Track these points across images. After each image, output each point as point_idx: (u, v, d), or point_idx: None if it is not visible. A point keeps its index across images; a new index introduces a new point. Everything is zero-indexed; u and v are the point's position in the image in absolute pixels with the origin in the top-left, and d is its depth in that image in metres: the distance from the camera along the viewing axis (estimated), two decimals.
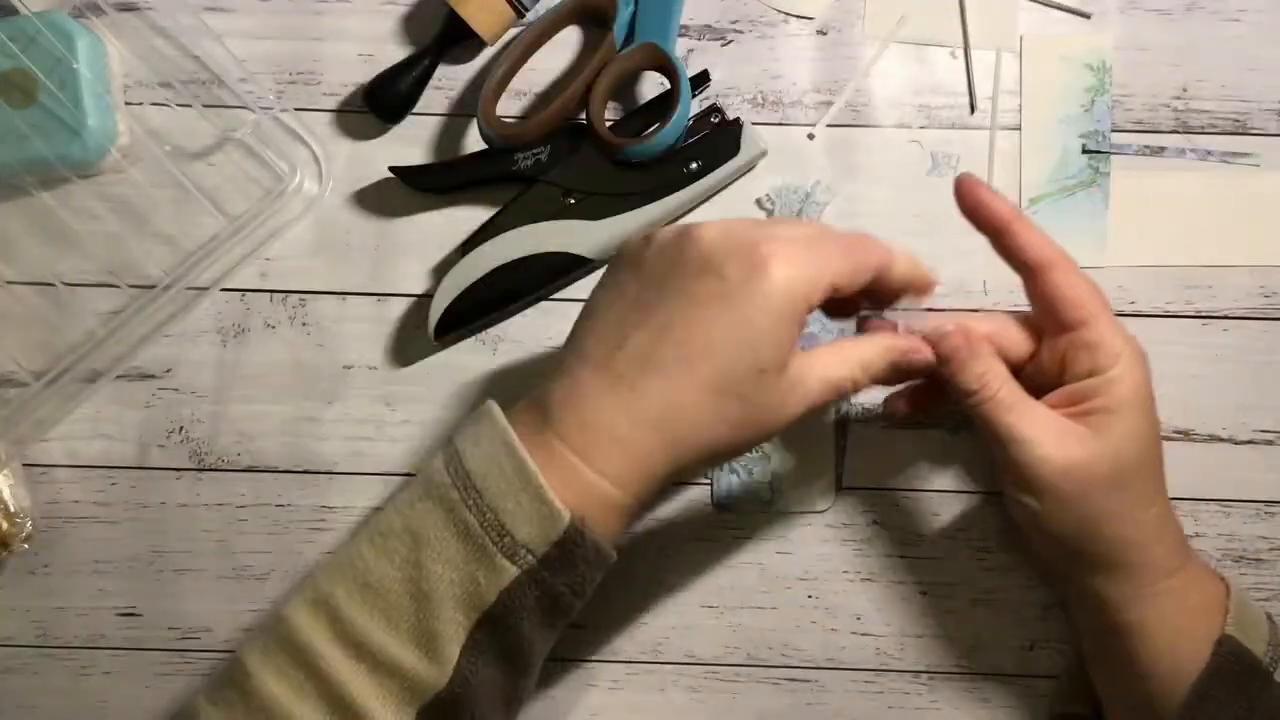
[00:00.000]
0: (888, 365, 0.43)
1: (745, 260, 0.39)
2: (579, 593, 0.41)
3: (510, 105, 0.56)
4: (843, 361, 0.42)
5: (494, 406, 0.41)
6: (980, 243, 0.54)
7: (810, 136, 0.55)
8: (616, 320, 0.41)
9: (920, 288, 0.45)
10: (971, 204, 0.46)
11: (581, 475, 0.40)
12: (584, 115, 0.53)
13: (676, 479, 0.41)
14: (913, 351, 0.44)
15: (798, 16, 0.56)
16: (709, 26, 0.56)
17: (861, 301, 0.45)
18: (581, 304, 0.54)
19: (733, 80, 0.55)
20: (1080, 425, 0.43)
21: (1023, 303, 0.54)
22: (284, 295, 0.55)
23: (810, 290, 0.40)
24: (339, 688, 0.39)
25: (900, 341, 0.44)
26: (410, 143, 0.56)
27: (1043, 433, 0.43)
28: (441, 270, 0.55)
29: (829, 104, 0.55)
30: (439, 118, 0.56)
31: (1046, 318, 0.46)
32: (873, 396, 0.52)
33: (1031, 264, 0.45)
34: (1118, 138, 0.55)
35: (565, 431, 0.40)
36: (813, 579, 0.54)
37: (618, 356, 0.40)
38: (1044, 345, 0.46)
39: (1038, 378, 0.46)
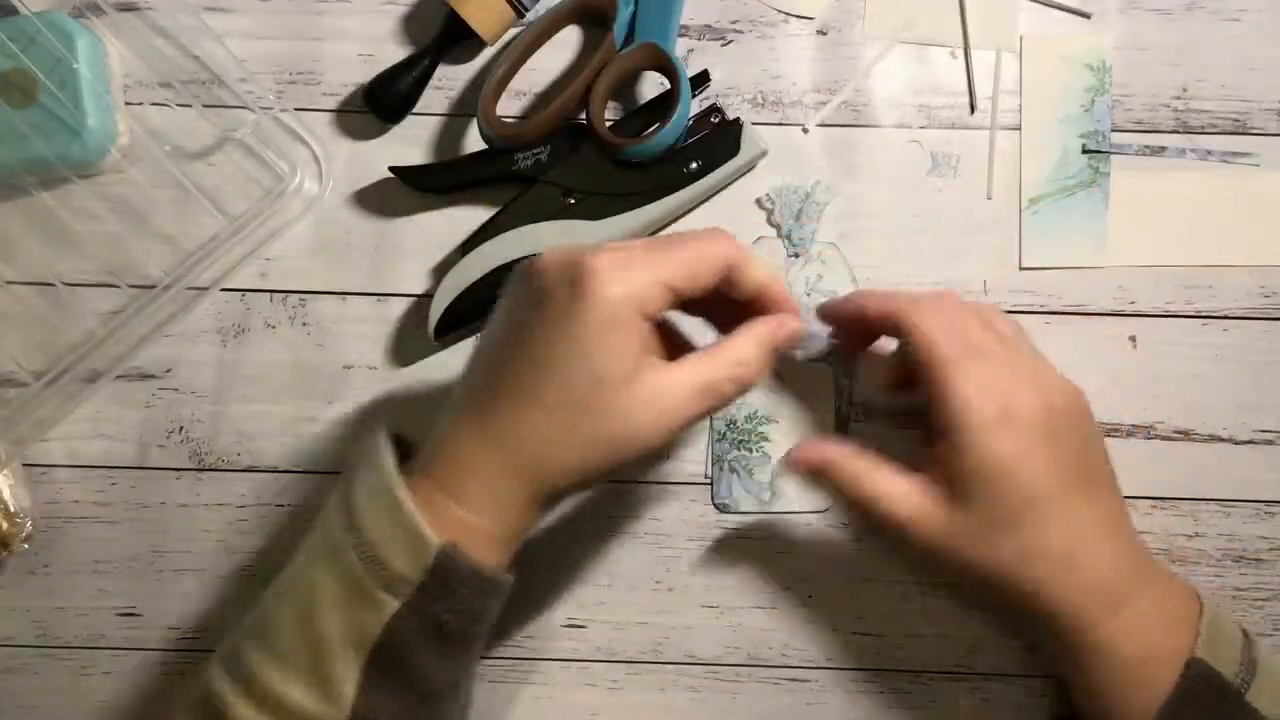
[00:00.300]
0: (762, 351, 0.43)
1: (569, 281, 0.40)
2: (472, 618, 0.42)
3: (510, 105, 0.56)
4: (712, 364, 0.42)
5: (381, 441, 0.43)
6: (980, 243, 0.55)
7: (804, 130, 0.55)
8: (482, 357, 0.44)
9: (774, 299, 0.44)
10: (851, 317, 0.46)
11: (447, 509, 0.41)
12: (584, 115, 0.53)
13: (546, 501, 0.42)
14: (779, 327, 0.43)
15: (798, 16, 0.56)
16: (709, 26, 0.56)
17: (741, 304, 0.44)
18: None
19: (733, 80, 0.55)
20: (936, 481, 0.42)
21: (1022, 302, 0.54)
22: (284, 295, 0.55)
23: (636, 297, 0.40)
24: None
25: (763, 325, 0.43)
26: (410, 143, 0.56)
27: (917, 513, 0.42)
28: (441, 270, 0.55)
29: (829, 104, 0.55)
30: (439, 118, 0.56)
31: (909, 359, 0.45)
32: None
33: (879, 323, 0.45)
34: (1118, 138, 0.55)
35: (431, 468, 0.42)
36: (813, 579, 0.54)
37: (479, 389, 0.43)
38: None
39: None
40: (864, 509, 0.43)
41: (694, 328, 0.47)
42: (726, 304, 0.44)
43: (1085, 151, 0.55)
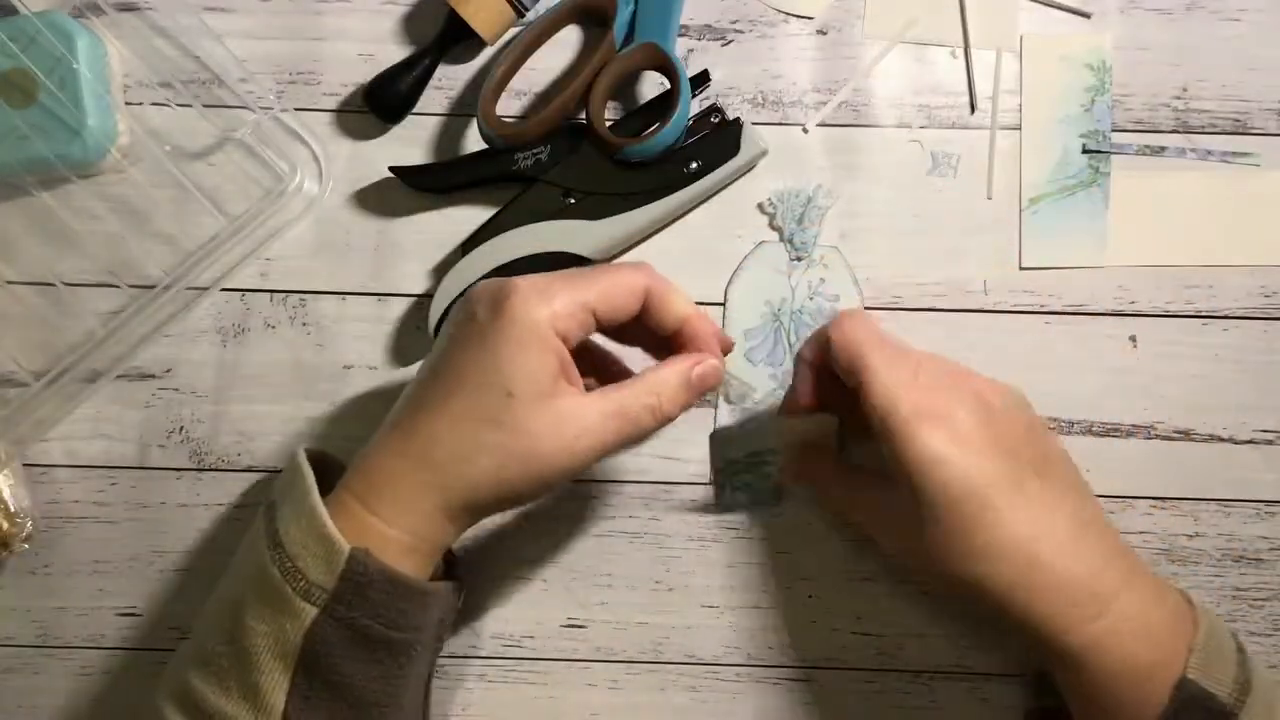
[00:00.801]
0: (681, 383, 0.44)
1: (491, 300, 0.42)
2: (390, 624, 0.42)
3: (510, 105, 0.56)
4: (636, 391, 0.43)
5: (300, 459, 0.45)
6: (980, 243, 0.55)
7: (804, 130, 0.55)
8: (414, 380, 0.45)
9: (695, 333, 0.45)
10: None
11: (362, 519, 0.42)
12: (584, 115, 0.53)
13: (461, 516, 0.43)
14: (696, 363, 0.44)
15: (798, 16, 0.56)
16: (709, 26, 0.56)
17: (654, 332, 0.45)
18: None
19: (733, 80, 0.55)
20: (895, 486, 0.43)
21: (1022, 302, 0.54)
22: (284, 295, 0.55)
23: (553, 316, 0.41)
24: None
25: (684, 360, 0.44)
26: (410, 143, 0.56)
27: (871, 513, 0.47)
28: (441, 270, 0.55)
29: (829, 104, 0.55)
30: (439, 118, 0.56)
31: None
32: None
33: (824, 348, 0.46)
34: (1118, 138, 0.55)
35: (350, 482, 0.43)
36: (813, 579, 0.54)
37: (402, 407, 0.44)
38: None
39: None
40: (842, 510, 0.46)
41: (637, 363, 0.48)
42: (663, 341, 0.46)
43: (1085, 151, 0.55)
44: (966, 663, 0.53)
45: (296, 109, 0.55)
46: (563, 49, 0.56)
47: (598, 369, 0.49)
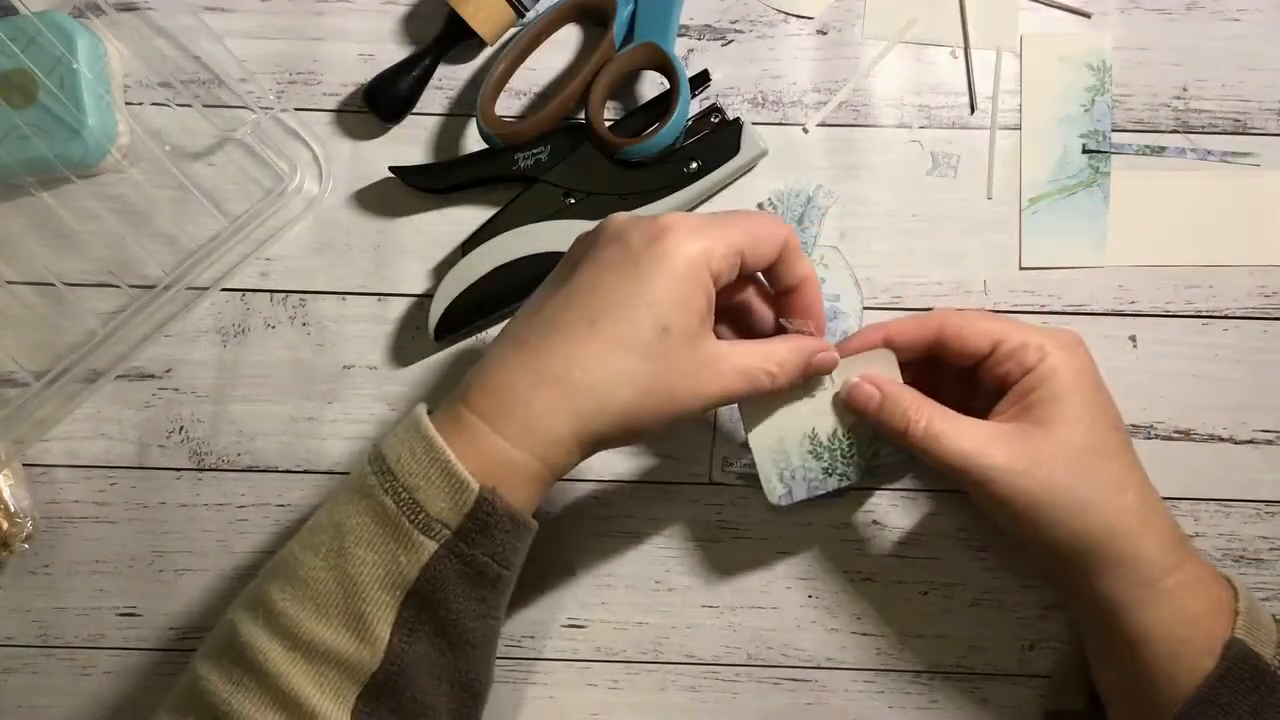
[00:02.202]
0: (800, 363, 0.45)
1: (647, 229, 0.42)
2: (504, 562, 0.42)
3: (510, 105, 0.56)
4: (760, 354, 0.44)
5: (419, 407, 0.43)
6: (980, 243, 0.55)
7: (804, 130, 0.55)
8: (536, 299, 0.44)
9: (809, 296, 0.46)
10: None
11: (487, 439, 0.41)
12: (583, 115, 0.53)
13: (590, 444, 0.42)
14: (820, 351, 0.46)
15: (798, 16, 0.56)
16: (709, 26, 0.56)
17: (776, 297, 0.47)
18: None
19: (733, 80, 0.55)
20: (1025, 424, 0.44)
21: (1022, 303, 0.54)
22: (284, 295, 0.55)
23: (709, 255, 0.41)
24: (278, 680, 0.40)
25: (810, 343, 0.46)
26: (410, 143, 0.56)
27: (986, 445, 0.44)
28: (441, 270, 0.55)
29: (829, 104, 0.55)
30: (439, 118, 0.56)
31: (967, 360, 0.47)
32: None
33: (929, 333, 0.47)
34: (1118, 137, 0.55)
35: (472, 398, 0.42)
36: (813, 579, 0.54)
37: (528, 325, 0.43)
38: (978, 371, 0.47)
39: (980, 399, 0.47)
40: (941, 449, 0.44)
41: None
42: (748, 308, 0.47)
43: (1085, 151, 0.55)
44: (966, 663, 0.53)
45: (296, 109, 0.55)
46: (562, 49, 0.56)
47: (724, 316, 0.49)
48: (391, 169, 0.54)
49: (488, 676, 0.44)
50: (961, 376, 0.48)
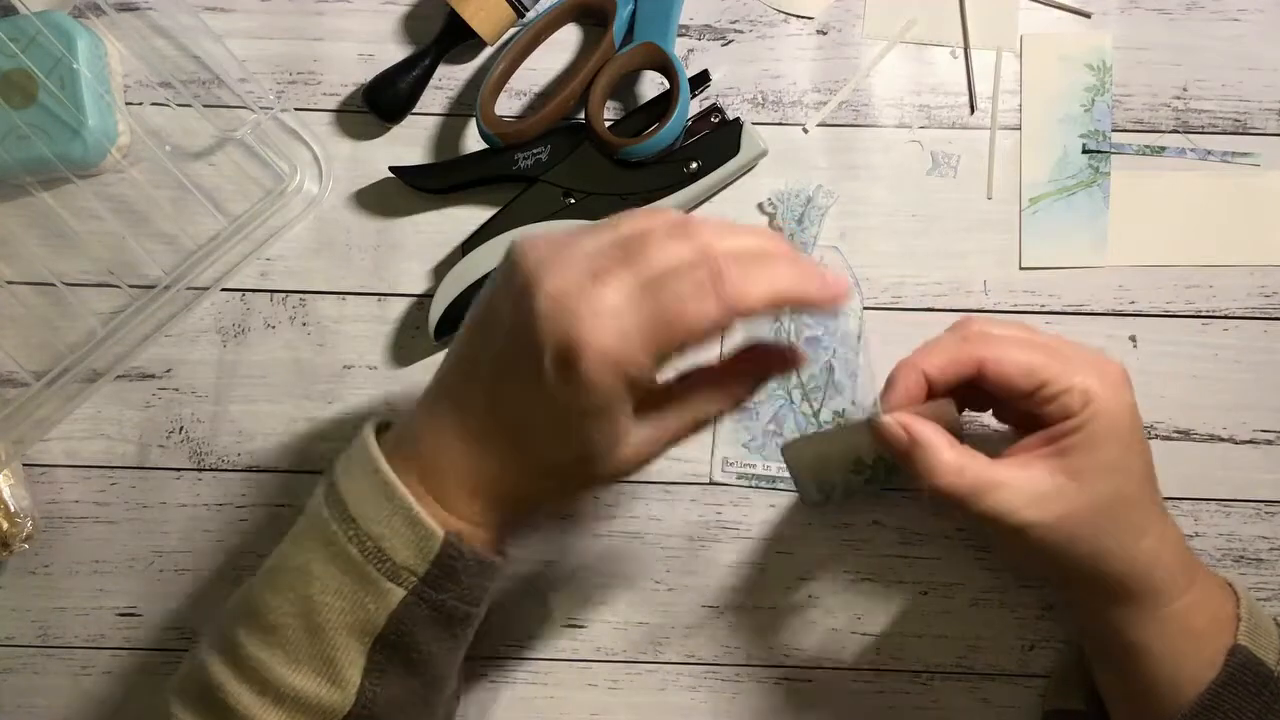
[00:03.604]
0: (717, 409, 0.43)
1: (561, 352, 0.37)
2: (472, 601, 0.43)
3: (510, 105, 0.56)
4: (677, 422, 0.42)
5: (368, 434, 0.43)
6: (980, 243, 0.55)
7: (804, 130, 0.55)
8: (472, 357, 0.41)
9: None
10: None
11: (433, 506, 0.41)
12: (583, 115, 0.53)
13: (525, 519, 0.45)
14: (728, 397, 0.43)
15: (798, 16, 0.56)
16: (709, 26, 0.56)
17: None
18: None
19: (733, 80, 0.55)
20: (1056, 473, 0.41)
21: (1022, 303, 0.54)
22: (284, 295, 0.55)
23: (631, 382, 0.38)
24: None
25: (720, 391, 0.43)
26: (410, 143, 0.56)
27: (1017, 500, 0.41)
28: (441, 270, 0.55)
29: (829, 104, 0.55)
30: (439, 118, 0.56)
31: (1004, 396, 0.43)
32: None
33: (967, 372, 0.43)
34: (1118, 137, 0.55)
35: (412, 462, 0.42)
36: (813, 579, 0.54)
37: (459, 396, 0.41)
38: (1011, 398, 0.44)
39: (1016, 415, 0.46)
40: (976, 508, 0.41)
41: None
42: None
43: (1085, 151, 0.55)
44: (966, 663, 0.53)
45: (296, 109, 0.55)
46: (562, 49, 0.56)
47: None
48: (391, 169, 0.54)
49: (459, 687, 0.46)
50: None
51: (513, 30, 0.55)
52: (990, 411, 0.48)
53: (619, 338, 0.36)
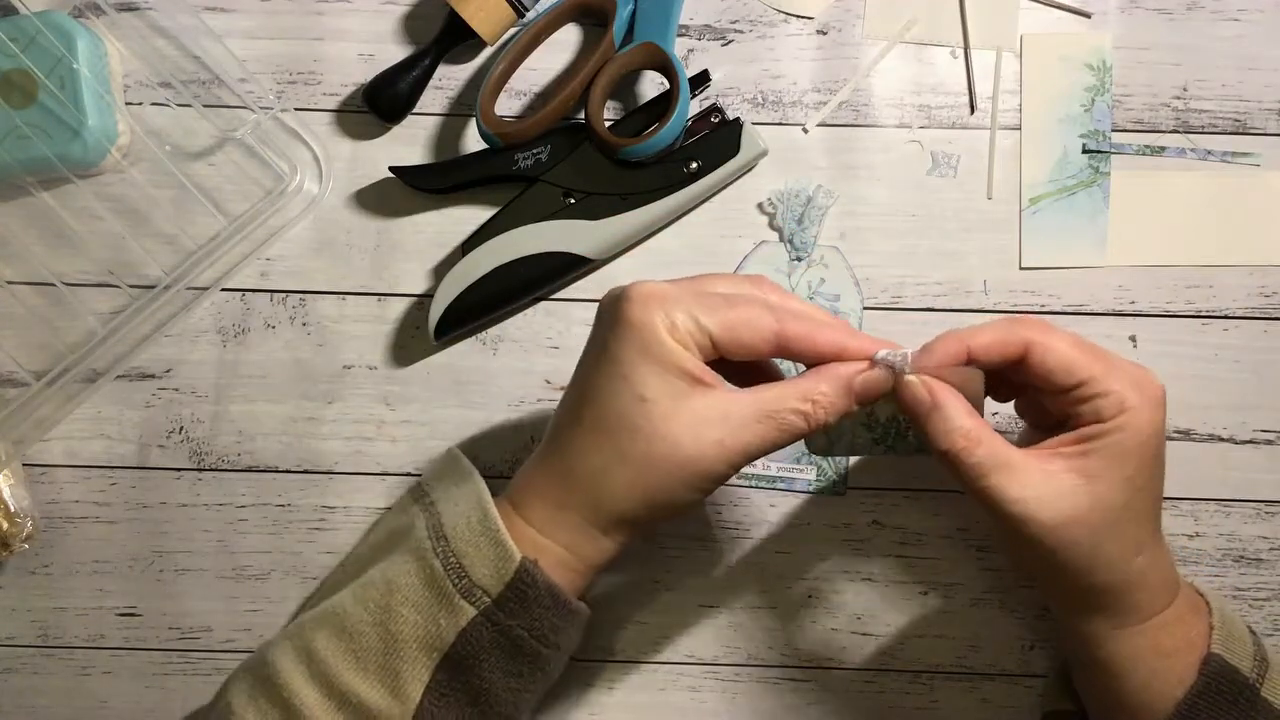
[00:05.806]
0: (841, 390, 0.42)
1: (611, 310, 0.42)
2: (541, 639, 0.43)
3: (510, 105, 0.56)
4: (779, 396, 0.41)
5: (469, 467, 0.46)
6: (980, 243, 0.55)
7: (804, 130, 0.55)
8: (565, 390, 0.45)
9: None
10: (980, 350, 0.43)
11: (522, 529, 0.43)
12: (583, 115, 0.53)
13: (612, 529, 0.42)
14: (859, 373, 0.42)
15: (798, 16, 0.56)
16: (709, 26, 0.56)
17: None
18: (581, 304, 0.55)
19: (733, 80, 0.55)
20: (1072, 472, 0.41)
21: (1022, 303, 0.54)
22: (284, 295, 0.55)
23: (669, 320, 0.40)
24: None
25: (845, 368, 0.42)
26: (410, 143, 0.56)
27: (1028, 492, 0.40)
28: (441, 270, 0.55)
29: (829, 104, 0.55)
30: (439, 118, 0.56)
31: (1041, 385, 0.43)
32: None
33: (1012, 353, 0.42)
34: (1118, 137, 0.55)
35: (510, 489, 0.45)
36: (813, 579, 0.54)
37: (552, 423, 0.44)
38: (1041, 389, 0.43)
39: (1038, 413, 0.46)
40: (989, 495, 0.41)
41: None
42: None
43: (1085, 151, 0.55)
44: (966, 663, 0.53)
45: (296, 109, 0.55)
46: (562, 49, 0.56)
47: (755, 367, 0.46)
48: (391, 169, 0.54)
49: None
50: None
51: (513, 30, 0.55)
52: (1013, 404, 0.48)
53: (665, 291, 0.41)
